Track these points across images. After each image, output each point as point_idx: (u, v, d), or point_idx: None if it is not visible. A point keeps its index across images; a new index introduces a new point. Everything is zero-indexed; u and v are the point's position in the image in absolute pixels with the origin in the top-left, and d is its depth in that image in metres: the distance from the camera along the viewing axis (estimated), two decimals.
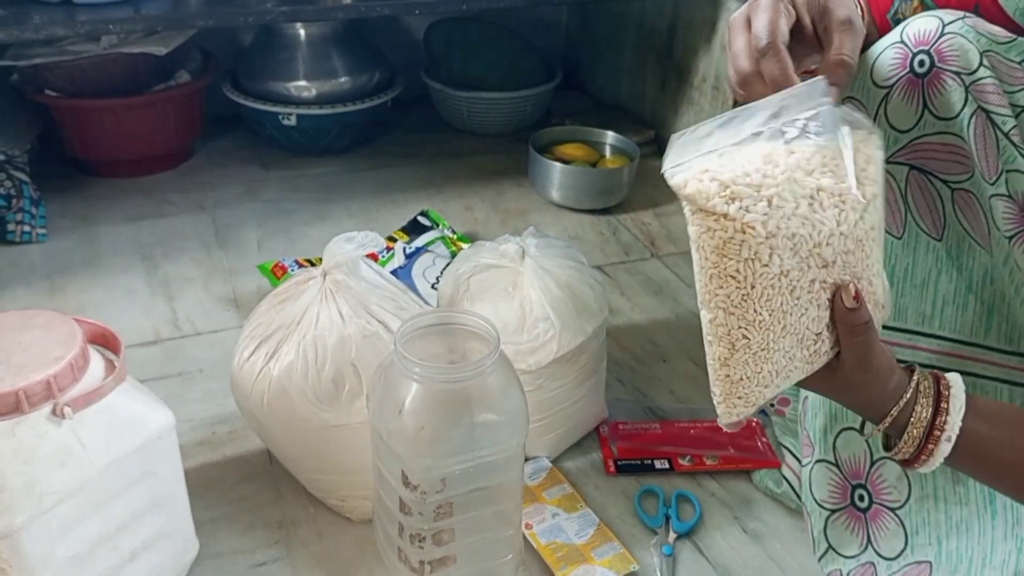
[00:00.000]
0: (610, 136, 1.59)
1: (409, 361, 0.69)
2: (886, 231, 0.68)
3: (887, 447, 0.62)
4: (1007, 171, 0.66)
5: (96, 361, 0.69)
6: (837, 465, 0.74)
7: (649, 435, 0.98)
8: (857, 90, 0.69)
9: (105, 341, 0.73)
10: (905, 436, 0.59)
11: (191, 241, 1.34)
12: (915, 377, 0.61)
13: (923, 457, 0.59)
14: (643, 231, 1.46)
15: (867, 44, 0.69)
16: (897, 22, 0.75)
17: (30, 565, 0.63)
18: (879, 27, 0.77)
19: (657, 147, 1.72)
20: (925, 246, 0.68)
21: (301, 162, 1.61)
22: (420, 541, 0.73)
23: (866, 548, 0.72)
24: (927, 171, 0.67)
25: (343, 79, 1.59)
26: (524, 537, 0.83)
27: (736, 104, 0.61)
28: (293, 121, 1.57)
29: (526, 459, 0.91)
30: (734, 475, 0.94)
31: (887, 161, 0.66)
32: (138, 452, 0.69)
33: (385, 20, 1.78)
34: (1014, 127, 0.66)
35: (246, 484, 0.90)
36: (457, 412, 0.70)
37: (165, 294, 1.21)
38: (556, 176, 1.48)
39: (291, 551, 0.83)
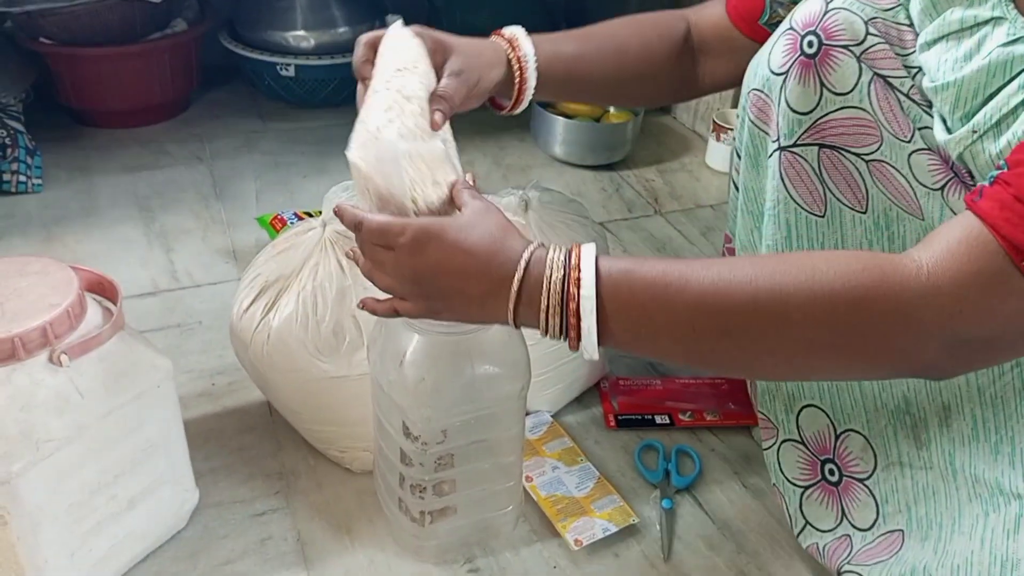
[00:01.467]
0: None
1: None
2: (807, 210, 0.69)
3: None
4: (918, 129, 0.67)
5: (93, 309, 0.68)
6: (803, 443, 0.74)
7: (650, 391, 0.98)
8: (760, 82, 0.71)
9: (102, 289, 0.72)
10: (543, 306, 0.58)
11: (188, 193, 1.33)
12: (531, 246, 0.59)
13: (573, 329, 0.57)
14: (646, 188, 1.44)
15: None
16: (772, 27, 0.77)
17: (28, 512, 0.63)
18: (751, 36, 0.81)
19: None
20: (851, 220, 0.69)
21: (300, 114, 1.59)
22: (421, 491, 0.73)
23: (841, 521, 0.73)
24: (838, 147, 0.68)
25: (342, 29, 1.56)
26: (524, 489, 0.83)
27: None
28: (291, 72, 1.54)
29: (527, 413, 0.91)
30: (734, 430, 0.94)
31: (795, 144, 0.68)
32: (136, 400, 0.68)
33: None
34: (912, 87, 0.67)
35: (246, 435, 0.90)
36: (458, 364, 0.70)
37: (163, 245, 1.20)
38: (559, 131, 1.46)
39: (291, 501, 0.83)
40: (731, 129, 1.47)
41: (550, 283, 0.57)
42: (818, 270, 0.55)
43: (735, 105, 1.53)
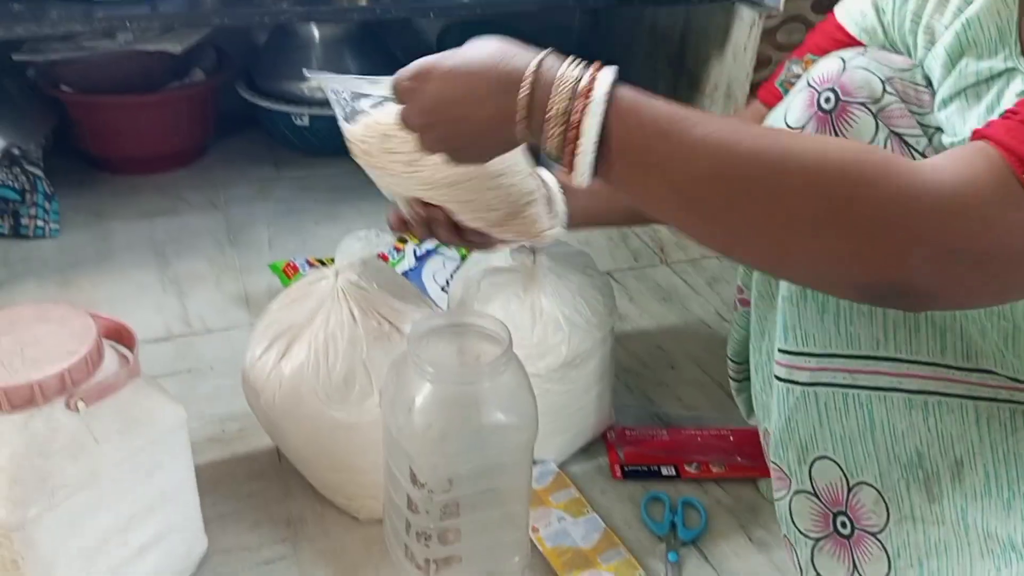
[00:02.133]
0: None
1: (422, 361, 0.69)
2: None
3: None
4: None
5: (110, 356, 0.70)
6: (815, 494, 0.74)
7: (656, 441, 0.98)
8: None
9: (119, 336, 0.73)
10: (548, 111, 0.56)
11: (203, 239, 1.35)
12: (541, 54, 0.59)
13: (571, 143, 0.56)
14: (652, 238, 1.46)
15: None
16: (786, 91, 0.79)
17: (42, 557, 0.64)
18: (769, 103, 0.83)
19: None
20: None
21: (313, 162, 1.62)
22: (426, 539, 0.73)
23: (852, 574, 0.72)
24: None
25: None
26: (531, 540, 0.83)
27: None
28: (306, 121, 1.57)
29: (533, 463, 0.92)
30: (740, 483, 0.94)
31: None
32: (149, 447, 0.69)
33: (399, 23, 1.79)
34: (928, 147, 0.67)
35: (255, 481, 0.91)
36: (467, 413, 0.71)
37: (177, 291, 1.22)
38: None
39: (298, 549, 0.83)
40: None
41: (561, 83, 0.56)
42: (830, 143, 0.55)
43: None
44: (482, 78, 0.60)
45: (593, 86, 0.56)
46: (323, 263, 1.25)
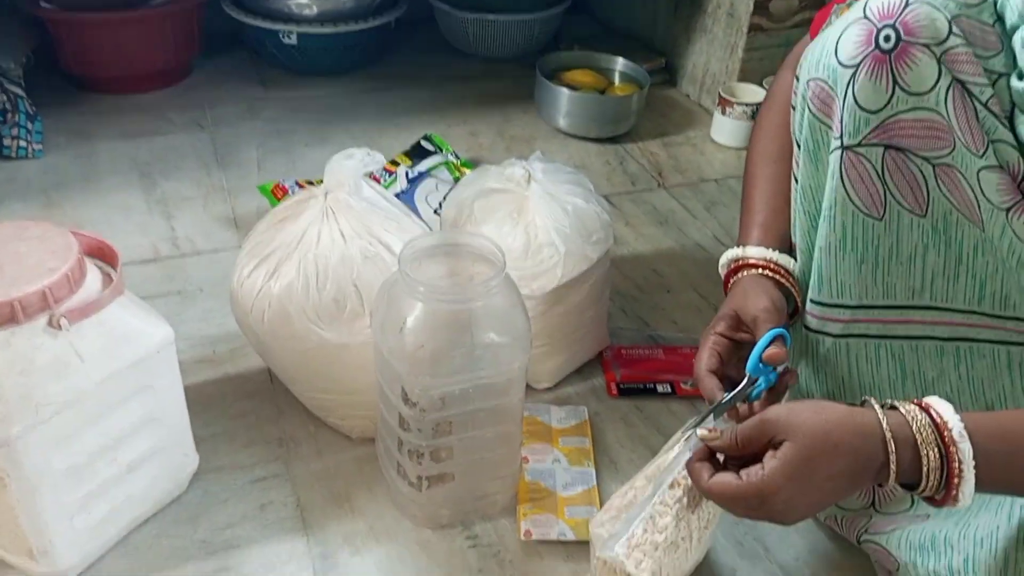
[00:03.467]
0: (619, 63, 1.55)
1: (414, 281, 0.68)
2: (866, 214, 0.66)
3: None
4: (992, 142, 0.62)
5: (93, 274, 0.68)
6: None
7: (652, 361, 0.98)
8: (823, 71, 0.65)
9: (102, 254, 0.71)
10: (923, 480, 0.56)
11: (189, 160, 1.32)
12: (878, 413, 0.57)
13: (952, 492, 0.55)
14: (650, 161, 1.43)
15: None
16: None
17: (28, 475, 0.63)
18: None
19: (668, 75, 1.68)
20: (908, 224, 0.66)
21: (302, 82, 1.58)
22: (419, 457, 0.73)
23: (869, 506, 0.73)
24: (904, 149, 0.64)
25: None
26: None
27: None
28: (294, 40, 1.52)
29: (561, 404, 0.92)
30: None
31: (860, 144, 0.64)
32: (136, 366, 0.68)
33: None
34: (992, 96, 0.62)
35: (246, 402, 0.90)
36: (459, 333, 0.70)
37: (163, 212, 1.20)
38: (563, 103, 1.45)
39: (291, 467, 0.83)
40: (737, 103, 1.45)
41: (929, 460, 0.55)
42: None
43: (742, 79, 1.51)
44: (851, 465, 0.56)
45: (955, 440, 0.54)
46: (313, 184, 1.22)
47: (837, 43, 0.64)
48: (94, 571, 0.72)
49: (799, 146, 0.71)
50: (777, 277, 0.74)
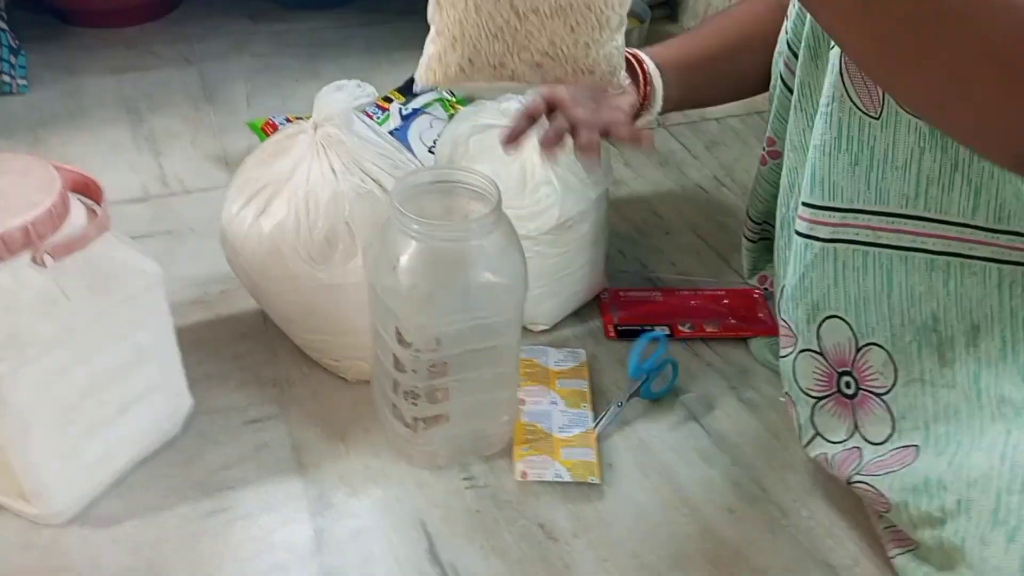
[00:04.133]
0: None
1: (407, 218, 0.66)
2: (864, 112, 0.65)
3: None
4: None
5: (77, 209, 0.66)
6: (822, 353, 0.73)
7: (650, 303, 0.97)
8: None
9: (86, 189, 0.69)
10: None
11: (177, 95, 1.29)
12: None
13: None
14: None
15: None
16: None
17: (17, 414, 0.63)
18: None
19: (669, 9, 1.63)
20: (906, 125, 0.64)
21: (292, 15, 1.53)
22: (414, 398, 0.72)
23: (853, 434, 0.72)
24: None
25: None
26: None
27: None
28: None
29: (558, 346, 0.91)
30: (732, 345, 0.93)
31: None
32: (124, 304, 0.67)
33: None
34: None
35: (240, 343, 0.89)
36: (453, 272, 0.68)
37: (152, 150, 1.17)
38: None
39: (285, 409, 0.83)
40: None
41: None
42: None
43: None
44: None
45: None
46: (303, 120, 1.19)
47: None
48: (89, 512, 0.72)
49: (795, 50, 0.72)
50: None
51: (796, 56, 0.74)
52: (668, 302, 0.97)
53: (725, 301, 0.97)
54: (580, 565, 0.71)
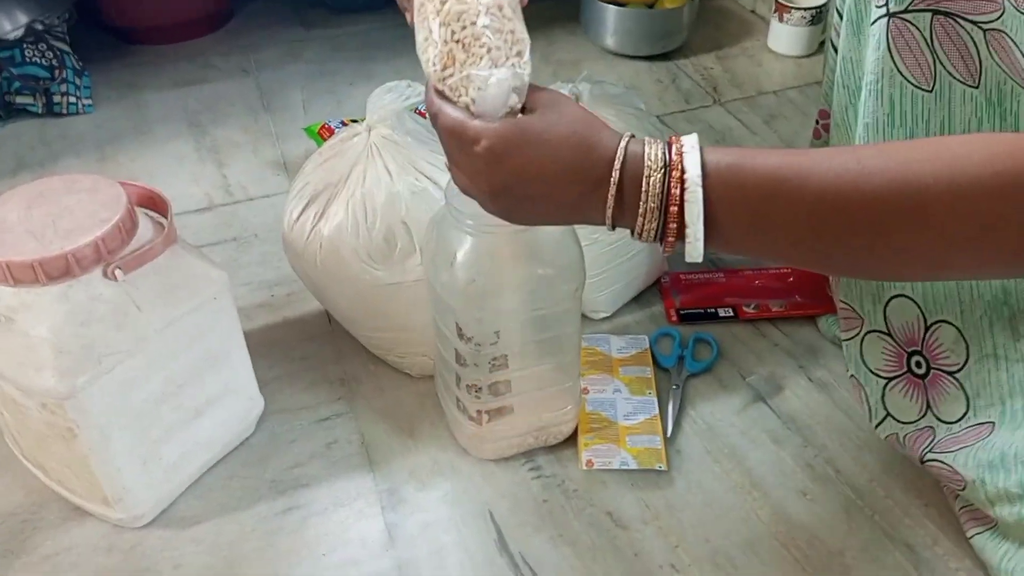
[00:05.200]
0: None
1: (461, 214, 0.66)
2: (914, 84, 0.62)
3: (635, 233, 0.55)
4: None
5: (145, 223, 0.68)
6: (890, 334, 0.70)
7: (713, 285, 0.95)
8: None
9: (153, 204, 0.71)
10: (640, 210, 0.53)
11: (237, 106, 1.32)
12: (624, 140, 0.54)
13: (673, 234, 0.53)
14: (705, 76, 1.37)
15: None
16: None
17: (96, 424, 0.65)
18: None
19: None
20: (961, 95, 0.61)
21: (342, 20, 1.55)
22: (477, 392, 0.73)
23: (925, 414, 0.70)
24: (953, 14, 0.59)
25: None
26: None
27: None
28: None
29: (620, 333, 0.91)
30: (799, 324, 0.91)
31: (907, 10, 0.60)
32: (194, 312, 0.69)
33: None
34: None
35: (307, 344, 0.91)
36: (510, 265, 0.68)
37: (215, 160, 1.20)
38: (610, 20, 1.39)
39: (354, 406, 0.84)
40: (795, 8, 1.38)
41: (648, 185, 0.52)
42: (958, 157, 0.48)
43: None
44: (568, 169, 0.53)
45: (684, 169, 0.51)
46: (357, 123, 1.21)
47: None
48: (168, 514, 0.75)
49: (840, 17, 0.69)
50: None
51: None
52: (732, 283, 0.95)
53: (791, 279, 0.95)
54: (650, 552, 0.71)
